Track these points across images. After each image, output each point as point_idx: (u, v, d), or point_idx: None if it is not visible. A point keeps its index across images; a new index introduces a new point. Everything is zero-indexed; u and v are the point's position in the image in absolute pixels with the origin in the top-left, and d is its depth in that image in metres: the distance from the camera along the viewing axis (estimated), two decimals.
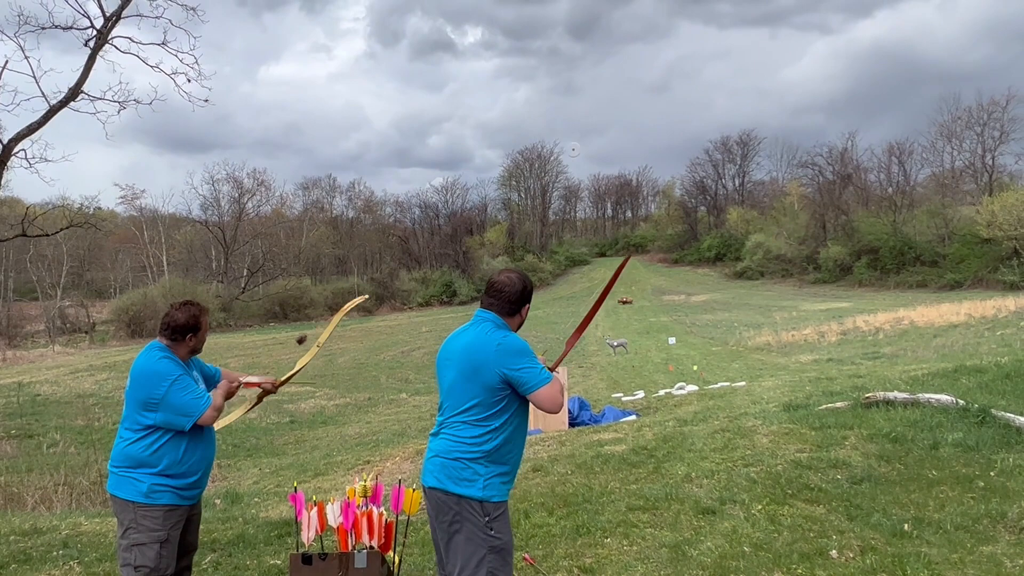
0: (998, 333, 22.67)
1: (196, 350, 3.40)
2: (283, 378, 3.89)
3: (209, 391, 3.40)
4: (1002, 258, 49.34)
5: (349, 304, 4.23)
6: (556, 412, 2.83)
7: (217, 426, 3.67)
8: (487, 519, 2.77)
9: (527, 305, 2.99)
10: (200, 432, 3.29)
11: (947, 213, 56.90)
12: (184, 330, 3.31)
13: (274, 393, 3.83)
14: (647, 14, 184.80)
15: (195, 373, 3.45)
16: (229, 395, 3.40)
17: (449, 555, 2.82)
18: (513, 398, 2.84)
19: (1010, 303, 29.58)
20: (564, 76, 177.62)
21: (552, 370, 3.28)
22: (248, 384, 3.69)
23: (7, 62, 14.48)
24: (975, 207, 54.66)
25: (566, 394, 11.72)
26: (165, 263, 69.70)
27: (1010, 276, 46.63)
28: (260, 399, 3.90)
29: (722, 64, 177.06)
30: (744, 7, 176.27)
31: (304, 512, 3.77)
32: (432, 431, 2.99)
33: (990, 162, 61.68)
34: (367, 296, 5.70)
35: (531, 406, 2.90)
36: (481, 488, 2.78)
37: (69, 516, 6.23)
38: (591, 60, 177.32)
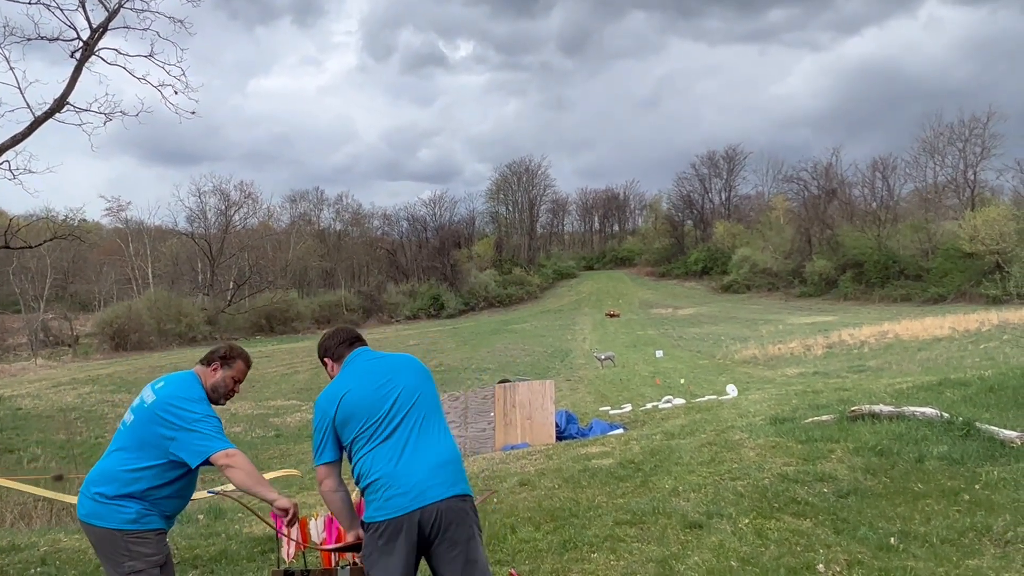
0: (981, 346, 22.89)
1: (216, 389, 3.13)
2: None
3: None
4: (984, 272, 49.92)
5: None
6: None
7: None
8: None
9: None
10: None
11: (930, 228, 57.64)
12: (211, 358, 3.18)
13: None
14: (638, 30, 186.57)
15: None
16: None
17: (478, 562, 2.71)
18: None
19: (993, 317, 29.92)
20: (555, 91, 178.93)
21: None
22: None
23: None
24: (958, 222, 55.41)
25: (553, 407, 11.68)
26: (150, 275, 69.20)
27: (992, 290, 47.16)
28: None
29: (711, 80, 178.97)
30: (734, 24, 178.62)
31: (286, 528, 3.72)
32: (409, 447, 2.74)
33: (972, 177, 62.66)
34: None
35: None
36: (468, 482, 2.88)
37: (48, 532, 6.13)
38: (582, 75, 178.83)
